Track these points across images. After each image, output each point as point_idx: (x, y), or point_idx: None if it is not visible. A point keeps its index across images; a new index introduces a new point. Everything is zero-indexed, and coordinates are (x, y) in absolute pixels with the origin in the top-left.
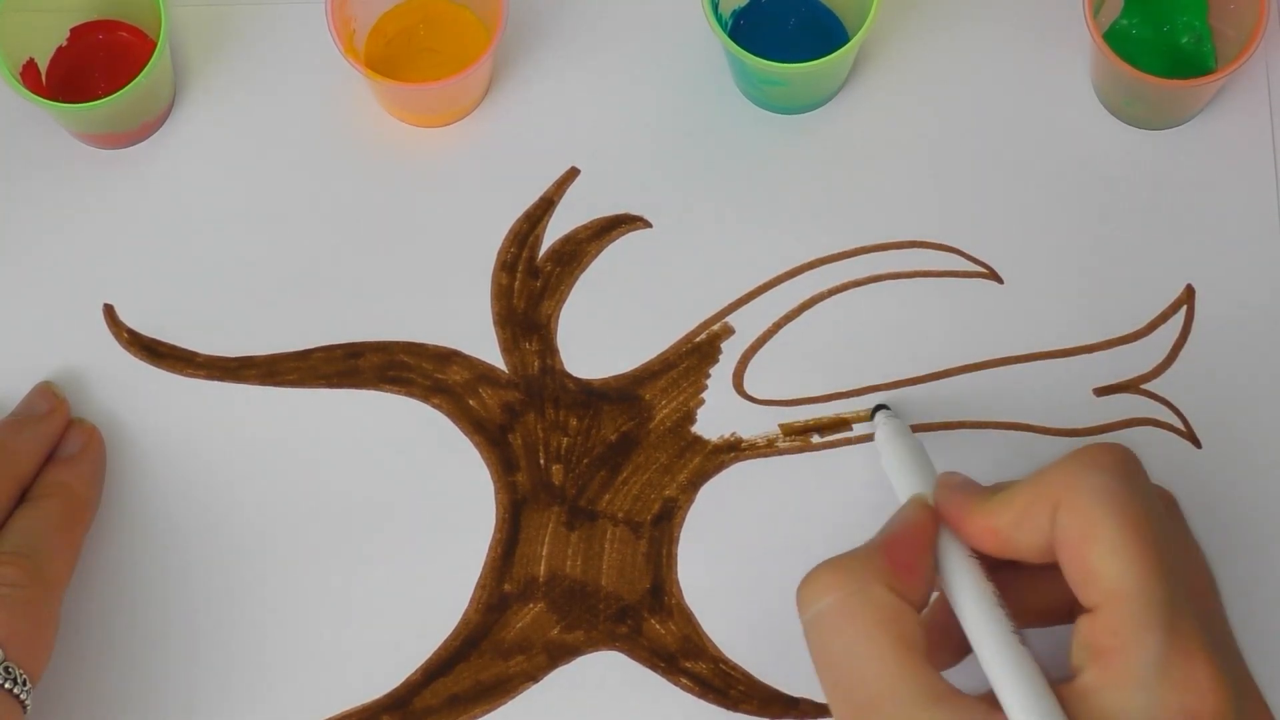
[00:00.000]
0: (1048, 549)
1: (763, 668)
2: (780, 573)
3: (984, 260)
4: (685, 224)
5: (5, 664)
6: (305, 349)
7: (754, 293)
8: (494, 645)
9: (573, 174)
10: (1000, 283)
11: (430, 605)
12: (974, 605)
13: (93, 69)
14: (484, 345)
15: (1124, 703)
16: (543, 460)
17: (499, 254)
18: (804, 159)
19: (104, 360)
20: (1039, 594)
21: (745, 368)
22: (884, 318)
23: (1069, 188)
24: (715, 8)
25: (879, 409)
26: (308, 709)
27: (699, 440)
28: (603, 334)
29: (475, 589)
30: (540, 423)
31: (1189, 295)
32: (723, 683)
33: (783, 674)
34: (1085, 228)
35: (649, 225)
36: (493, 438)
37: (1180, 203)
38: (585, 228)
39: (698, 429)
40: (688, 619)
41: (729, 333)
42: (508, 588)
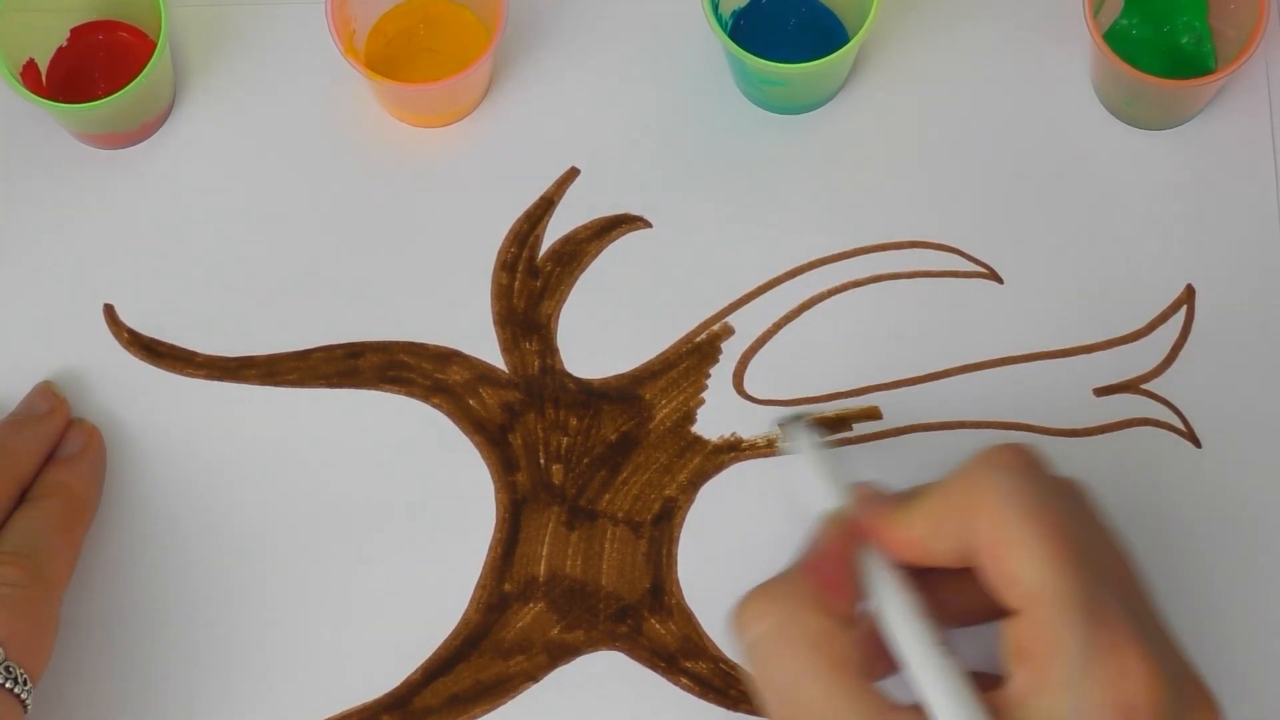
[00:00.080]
0: (966, 554)
1: None
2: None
3: (984, 260)
4: (685, 224)
5: (5, 664)
6: (305, 349)
7: (754, 293)
8: (494, 645)
9: (573, 174)
10: (1000, 283)
11: (430, 605)
12: (896, 620)
13: (93, 69)
14: (484, 345)
15: (1053, 707)
16: (543, 460)
17: (499, 254)
18: (804, 159)
19: (104, 360)
20: (968, 595)
21: (745, 368)
22: (884, 318)
23: (1069, 188)
24: (715, 8)
25: (792, 420)
26: (308, 709)
27: (699, 440)
28: (603, 334)
29: (475, 589)
30: (540, 423)
31: (1189, 295)
32: (723, 682)
33: None
34: (1085, 228)
35: (649, 225)
36: (493, 438)
37: (1180, 202)
38: (585, 228)
39: (698, 429)
40: (688, 619)
41: (729, 333)
42: (508, 587)
